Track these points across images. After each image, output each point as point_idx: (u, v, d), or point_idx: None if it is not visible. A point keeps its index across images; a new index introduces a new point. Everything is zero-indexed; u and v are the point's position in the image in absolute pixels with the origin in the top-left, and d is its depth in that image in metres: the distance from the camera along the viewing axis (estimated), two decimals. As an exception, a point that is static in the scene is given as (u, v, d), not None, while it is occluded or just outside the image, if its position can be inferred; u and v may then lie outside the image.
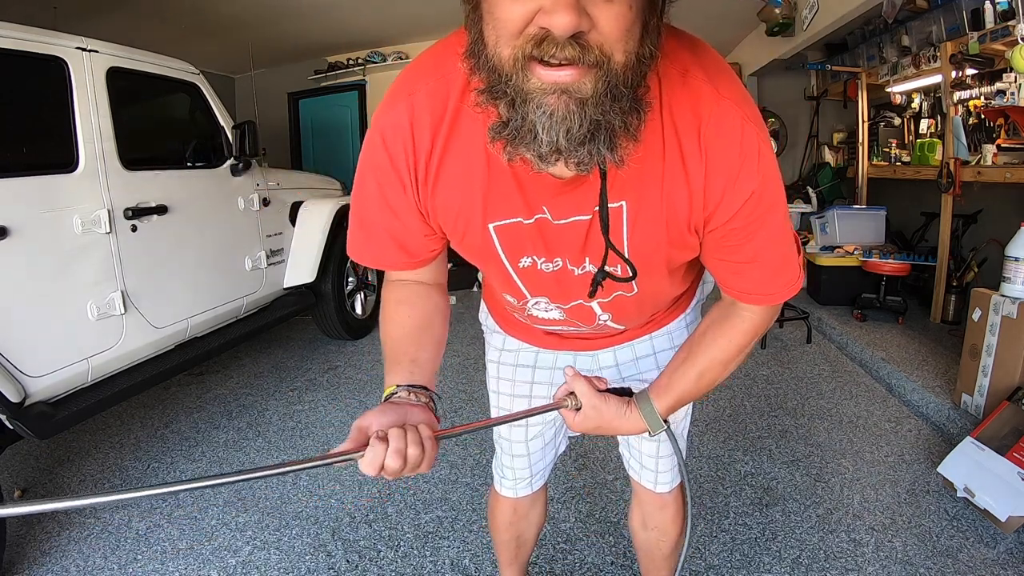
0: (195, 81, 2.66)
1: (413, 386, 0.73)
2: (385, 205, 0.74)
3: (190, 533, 1.84)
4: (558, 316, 0.88)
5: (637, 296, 0.82)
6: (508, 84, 0.52)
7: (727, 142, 0.63)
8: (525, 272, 0.79)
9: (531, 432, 1.11)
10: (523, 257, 0.77)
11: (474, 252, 0.78)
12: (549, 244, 0.74)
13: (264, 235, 3.02)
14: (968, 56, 2.95)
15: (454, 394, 2.81)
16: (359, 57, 6.05)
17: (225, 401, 2.87)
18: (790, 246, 0.74)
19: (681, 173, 0.65)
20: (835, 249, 4.04)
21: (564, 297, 0.83)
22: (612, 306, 0.85)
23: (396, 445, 0.61)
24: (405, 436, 0.62)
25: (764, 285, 0.75)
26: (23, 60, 1.83)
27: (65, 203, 1.92)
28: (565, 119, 0.51)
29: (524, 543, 1.29)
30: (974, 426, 2.02)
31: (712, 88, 0.63)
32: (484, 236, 0.74)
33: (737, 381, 2.95)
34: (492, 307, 1.11)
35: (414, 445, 0.62)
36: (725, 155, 0.63)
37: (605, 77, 0.50)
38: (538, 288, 0.83)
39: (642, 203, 0.68)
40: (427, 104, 0.66)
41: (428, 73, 0.68)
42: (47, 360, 1.84)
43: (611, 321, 0.89)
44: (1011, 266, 2.11)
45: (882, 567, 1.60)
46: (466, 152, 0.68)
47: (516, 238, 0.74)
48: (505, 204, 0.70)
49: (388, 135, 0.69)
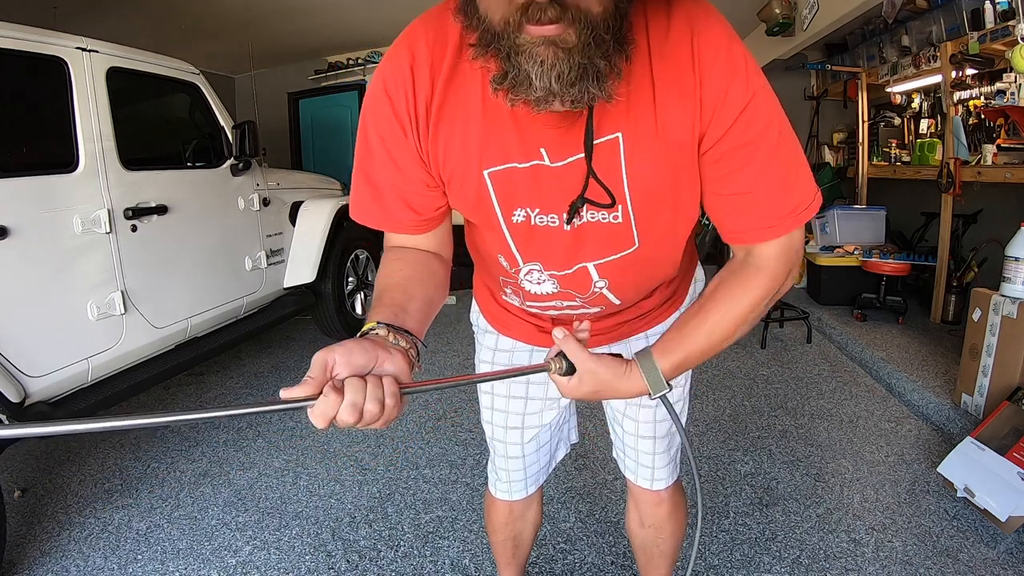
0: (195, 81, 2.66)
1: (395, 327, 0.66)
2: (388, 158, 0.75)
3: (190, 533, 1.84)
4: (551, 289, 0.86)
5: (637, 253, 0.80)
6: (501, 41, 0.58)
7: (715, 57, 0.66)
8: (518, 229, 0.78)
9: (527, 435, 1.10)
10: (517, 209, 0.76)
11: (470, 203, 0.77)
12: (544, 192, 0.74)
13: (264, 235, 3.02)
14: (968, 56, 2.95)
15: (454, 394, 2.81)
16: (359, 57, 6.04)
17: (225, 401, 2.86)
18: (793, 165, 0.70)
19: (676, 94, 0.67)
20: (835, 249, 4.04)
21: (556, 262, 0.81)
22: (609, 270, 0.82)
23: (352, 398, 0.55)
24: (364, 389, 0.56)
25: (772, 212, 0.70)
26: (23, 60, 1.84)
27: (65, 203, 1.92)
28: (555, 66, 0.57)
29: (521, 543, 1.29)
30: (974, 426, 2.02)
31: (700, 9, 0.67)
32: (480, 184, 0.74)
33: (737, 381, 2.96)
34: (483, 304, 1.09)
35: (373, 401, 0.56)
36: (714, 68, 0.66)
37: (587, 28, 0.56)
38: (530, 250, 0.81)
39: (638, 132, 0.69)
40: (426, 51, 0.70)
41: (427, 26, 0.72)
42: (47, 360, 1.84)
43: (607, 289, 0.85)
44: (1011, 266, 2.11)
45: (882, 567, 1.60)
46: (464, 97, 0.70)
47: (511, 185, 0.74)
48: (501, 148, 0.71)
49: (389, 81, 0.72)
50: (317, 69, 6.27)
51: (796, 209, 0.70)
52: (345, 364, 0.57)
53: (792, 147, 0.70)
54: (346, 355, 0.58)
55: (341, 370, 0.57)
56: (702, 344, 0.75)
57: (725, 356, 3.32)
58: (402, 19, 0.83)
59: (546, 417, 1.09)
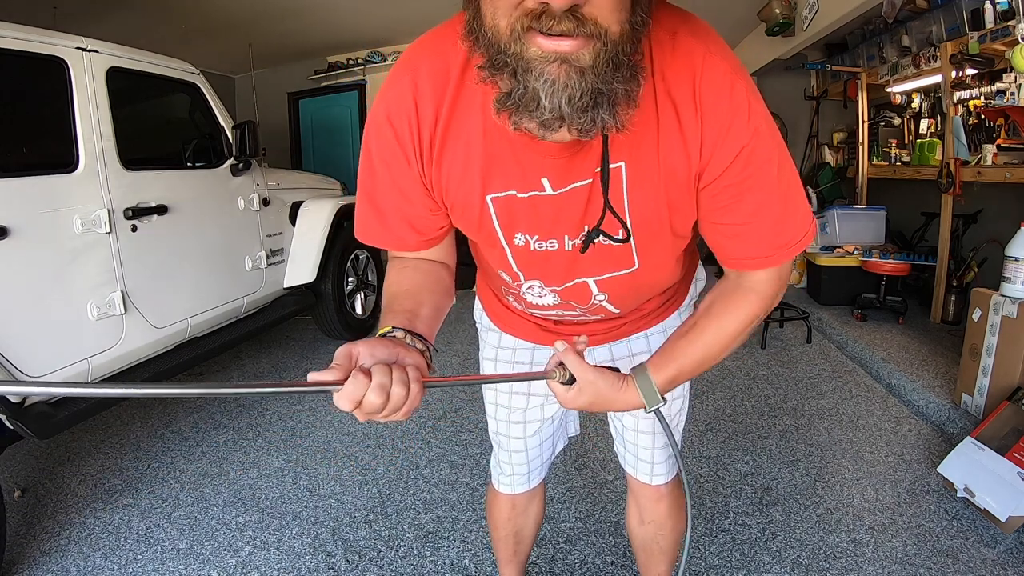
0: (195, 81, 2.66)
1: (410, 331, 0.68)
2: (392, 183, 0.75)
3: (190, 533, 1.84)
4: (552, 301, 0.88)
5: (637, 273, 0.81)
6: (508, 54, 0.53)
7: (718, 97, 0.64)
8: (518, 251, 0.79)
9: (529, 429, 1.12)
10: (517, 233, 0.77)
11: (473, 226, 0.78)
12: (543, 221, 0.74)
13: (264, 235, 3.02)
14: (968, 56, 2.95)
15: (454, 393, 2.81)
16: (359, 57, 6.05)
17: (225, 401, 2.86)
18: (790, 201, 0.71)
19: (676, 130, 0.66)
20: (835, 249, 4.04)
21: (557, 278, 0.82)
22: (609, 285, 0.83)
23: (380, 380, 0.56)
24: (391, 373, 0.57)
25: (767, 244, 0.72)
26: (23, 60, 1.83)
27: (65, 203, 1.92)
28: (567, 87, 0.52)
29: (523, 539, 1.30)
30: (974, 426, 2.02)
31: (702, 45, 0.65)
32: (482, 208, 0.75)
33: (737, 381, 2.96)
34: (487, 303, 1.11)
35: (399, 384, 0.57)
36: (717, 108, 0.65)
37: (604, 48, 0.52)
38: (531, 270, 0.82)
39: (640, 163, 0.69)
40: (429, 80, 0.69)
41: (429, 52, 0.70)
42: (47, 360, 1.84)
43: (607, 302, 0.87)
44: (1011, 266, 2.11)
45: (882, 567, 1.60)
46: (467, 125, 0.70)
47: (511, 212, 0.74)
48: (503, 176, 0.71)
49: (392, 111, 0.71)
50: (317, 69, 6.27)
51: (790, 242, 0.72)
52: (369, 356, 0.59)
53: (790, 182, 0.71)
54: (369, 348, 0.59)
55: (366, 360, 0.58)
56: (696, 359, 0.78)
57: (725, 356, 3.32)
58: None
59: (548, 411, 1.11)
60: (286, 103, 6.62)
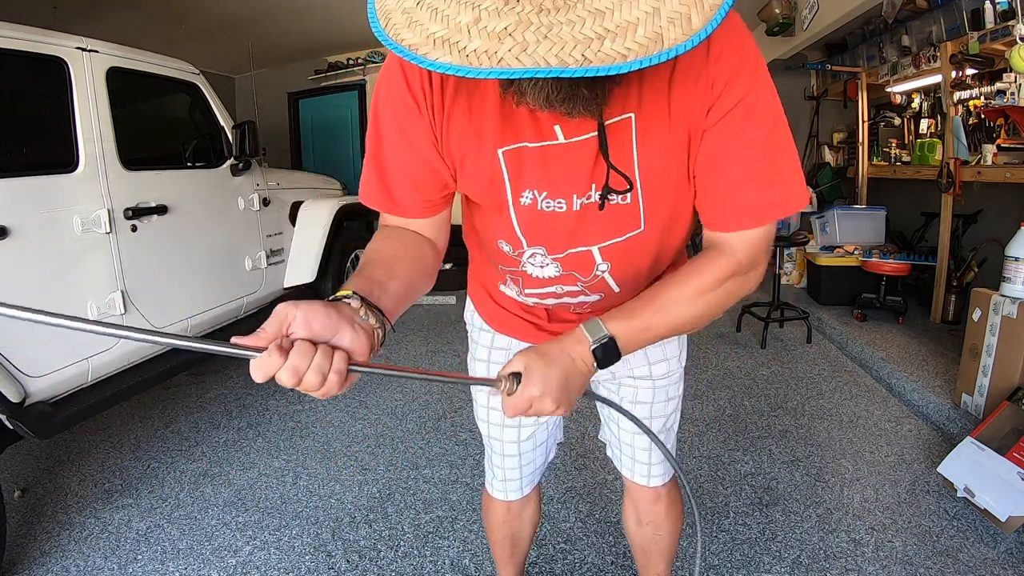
0: (195, 81, 2.66)
1: (369, 303, 0.64)
2: (399, 135, 0.75)
3: (190, 533, 1.84)
4: (554, 272, 0.86)
5: (643, 235, 0.80)
6: None
7: (730, 45, 0.67)
8: (524, 212, 0.79)
9: (523, 433, 1.11)
10: (526, 190, 0.77)
11: (482, 184, 0.78)
12: (552, 175, 0.74)
13: (264, 235, 3.02)
14: (968, 56, 2.95)
15: (454, 394, 2.81)
16: (359, 57, 6.05)
17: (225, 401, 2.86)
18: (782, 163, 0.71)
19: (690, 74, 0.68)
20: (835, 249, 4.04)
21: (560, 244, 0.81)
22: (612, 252, 0.82)
23: (294, 363, 0.54)
24: (311, 357, 0.55)
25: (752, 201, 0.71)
26: (23, 60, 1.83)
27: (65, 203, 1.92)
28: (543, 89, 0.57)
29: (519, 542, 1.30)
30: (974, 426, 2.02)
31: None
32: (493, 163, 0.75)
33: (737, 381, 2.96)
34: (478, 302, 1.09)
35: (316, 372, 0.54)
36: (725, 53, 0.67)
37: None
38: (535, 234, 0.81)
39: (650, 113, 0.70)
40: None
41: None
42: (47, 360, 1.84)
43: (609, 273, 0.86)
44: (1011, 266, 2.11)
45: (882, 567, 1.60)
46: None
47: (521, 165, 0.75)
48: (514, 126, 0.72)
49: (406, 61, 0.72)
50: (317, 69, 6.27)
51: (770, 202, 0.72)
52: (303, 326, 0.56)
53: (784, 146, 0.71)
54: (306, 318, 0.56)
55: (297, 330, 0.56)
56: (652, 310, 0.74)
57: (725, 356, 3.32)
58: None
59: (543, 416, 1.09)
60: (286, 103, 6.63)
